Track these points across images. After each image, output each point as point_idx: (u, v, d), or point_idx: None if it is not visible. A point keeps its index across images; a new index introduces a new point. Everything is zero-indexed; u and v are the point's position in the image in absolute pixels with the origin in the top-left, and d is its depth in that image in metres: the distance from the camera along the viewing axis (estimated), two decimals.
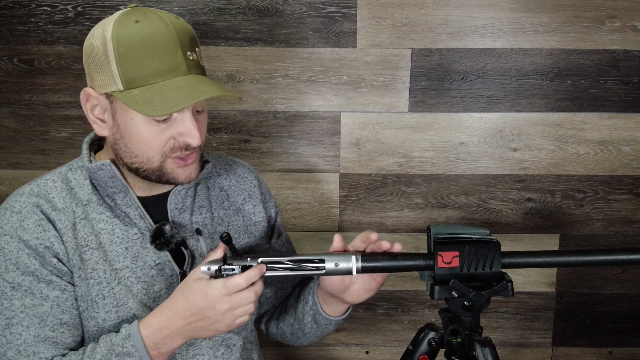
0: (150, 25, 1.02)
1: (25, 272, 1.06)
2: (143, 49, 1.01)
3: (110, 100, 1.06)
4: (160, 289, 1.14)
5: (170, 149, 1.06)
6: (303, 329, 1.29)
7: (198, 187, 1.22)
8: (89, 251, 1.10)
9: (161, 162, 1.07)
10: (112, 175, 1.10)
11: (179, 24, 1.05)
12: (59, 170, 1.16)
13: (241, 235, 1.27)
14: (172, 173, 1.09)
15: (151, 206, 1.15)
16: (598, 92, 1.73)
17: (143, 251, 1.13)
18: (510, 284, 1.03)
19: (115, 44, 1.01)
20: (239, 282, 1.01)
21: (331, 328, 1.27)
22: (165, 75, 1.02)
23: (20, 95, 1.70)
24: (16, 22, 1.66)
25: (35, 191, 1.11)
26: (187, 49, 1.04)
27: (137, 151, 1.07)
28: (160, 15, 1.04)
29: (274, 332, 1.39)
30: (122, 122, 1.06)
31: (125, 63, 1.01)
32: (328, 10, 1.67)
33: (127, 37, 1.01)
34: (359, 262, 1.05)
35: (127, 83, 1.02)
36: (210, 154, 1.29)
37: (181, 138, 1.06)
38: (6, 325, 1.05)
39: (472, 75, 1.72)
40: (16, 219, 1.07)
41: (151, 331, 1.04)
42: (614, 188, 1.79)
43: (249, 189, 1.30)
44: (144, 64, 1.01)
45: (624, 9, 1.68)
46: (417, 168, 1.77)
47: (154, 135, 1.05)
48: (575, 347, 1.89)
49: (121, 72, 1.02)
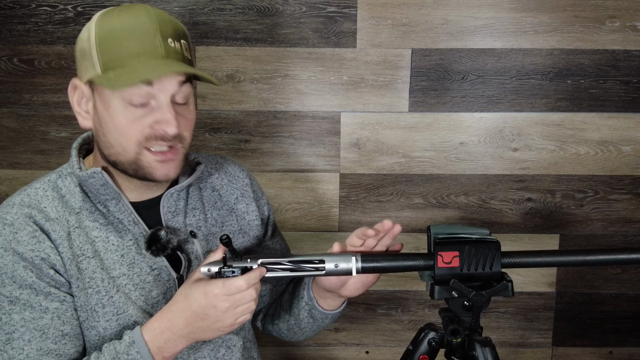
0: (133, 13, 1.03)
1: (23, 286, 1.03)
2: (122, 32, 1.01)
3: (92, 88, 1.06)
4: (158, 294, 1.12)
5: (145, 138, 1.03)
6: (299, 324, 1.28)
7: (190, 189, 1.20)
8: (86, 260, 1.08)
9: (137, 153, 1.04)
10: (103, 183, 1.08)
11: (164, 15, 1.05)
12: (48, 178, 1.13)
13: (235, 235, 1.25)
14: (148, 167, 1.05)
15: (144, 211, 1.13)
16: (598, 92, 1.73)
17: (139, 257, 1.11)
18: (510, 283, 1.03)
19: (97, 30, 1.02)
20: (240, 283, 1.00)
21: (327, 322, 1.27)
22: (141, 57, 1.01)
23: (20, 95, 1.69)
24: (16, 22, 1.65)
25: (26, 201, 1.08)
26: (168, 36, 1.03)
27: (113, 140, 1.05)
28: (147, 8, 1.04)
29: (270, 328, 1.39)
30: (101, 110, 1.05)
31: (103, 46, 1.01)
32: (328, 10, 1.67)
33: (108, 24, 1.02)
34: (359, 262, 1.05)
35: (104, 65, 1.01)
36: (200, 154, 1.27)
37: (158, 126, 1.03)
38: (7, 340, 1.03)
39: (472, 75, 1.72)
40: (9, 231, 1.05)
41: (154, 335, 1.03)
42: (614, 188, 1.79)
43: (241, 188, 1.29)
44: (121, 46, 1.01)
45: (624, 9, 1.68)
46: (417, 168, 1.77)
47: (129, 122, 1.03)
48: (575, 347, 1.89)
49: (99, 56, 1.01)
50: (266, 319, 1.38)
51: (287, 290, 1.35)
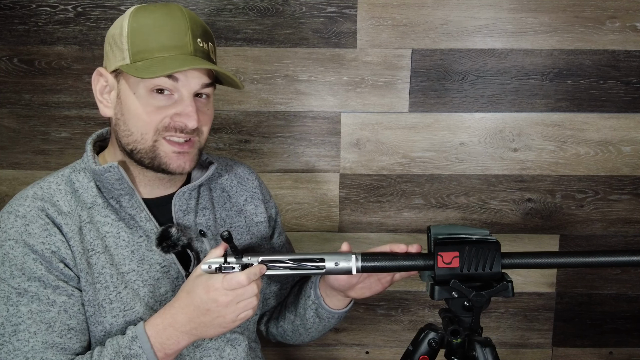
0: (167, 9, 1.07)
1: (32, 278, 1.04)
2: (154, 25, 1.05)
3: (118, 78, 1.09)
4: (166, 291, 1.13)
5: (164, 127, 1.07)
6: (305, 324, 1.29)
7: (201, 189, 1.22)
8: (96, 255, 1.09)
9: (154, 142, 1.07)
10: (119, 178, 1.10)
11: (196, 17, 1.09)
12: (62, 173, 1.15)
13: (243, 236, 1.26)
14: (165, 157, 1.08)
15: (155, 208, 1.15)
16: (598, 93, 1.73)
17: (149, 254, 1.12)
18: (511, 284, 1.03)
19: (130, 22, 1.06)
20: (241, 278, 1.01)
21: (333, 322, 1.27)
22: (170, 51, 1.04)
23: (21, 95, 1.69)
24: (16, 23, 1.65)
25: (39, 194, 1.09)
26: (197, 35, 1.07)
27: (133, 127, 1.07)
28: (180, 7, 1.08)
29: (274, 332, 1.39)
30: (125, 98, 1.08)
31: (135, 37, 1.05)
32: (328, 10, 1.67)
33: (142, 17, 1.06)
34: (359, 261, 1.05)
35: (133, 56, 1.05)
36: (211, 155, 1.29)
37: (178, 118, 1.06)
38: (13, 331, 1.03)
39: (472, 76, 1.72)
40: (21, 223, 1.06)
41: (156, 331, 1.04)
42: (614, 188, 1.78)
43: (250, 190, 1.30)
44: (152, 39, 1.05)
45: (624, 9, 1.68)
46: (417, 168, 1.77)
47: (152, 110, 1.06)
48: (575, 348, 1.89)
49: (130, 46, 1.05)
50: (270, 322, 1.39)
51: (291, 293, 1.36)
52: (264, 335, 1.43)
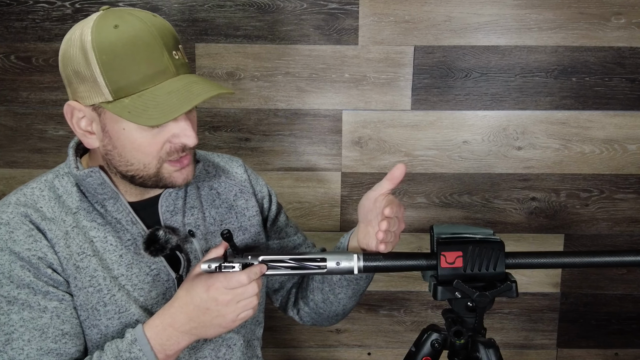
0: (131, 29, 0.98)
1: (20, 285, 1.03)
2: (128, 54, 0.97)
3: (99, 112, 1.02)
4: (157, 295, 1.12)
5: (166, 153, 1.04)
6: (334, 289, 1.24)
7: (188, 188, 1.20)
8: (87, 258, 1.07)
9: (158, 168, 1.05)
10: (101, 182, 1.08)
11: (159, 23, 1.01)
12: (45, 178, 1.13)
13: (236, 232, 1.25)
14: (169, 177, 1.06)
15: (142, 210, 1.13)
16: (603, 90, 1.72)
17: (137, 258, 1.11)
18: (515, 284, 1.03)
19: (98, 53, 0.97)
20: (242, 278, 1.00)
21: (362, 284, 1.22)
22: (155, 80, 0.99)
23: (18, 93, 1.69)
24: (13, 19, 1.64)
25: (22, 201, 1.08)
26: (171, 48, 1.01)
27: (132, 159, 1.04)
28: (137, 16, 1.00)
29: (306, 310, 1.34)
30: (113, 132, 1.03)
31: (111, 72, 0.97)
32: (329, 7, 1.66)
33: (108, 45, 0.97)
34: (361, 261, 1.05)
35: (115, 92, 0.98)
36: (197, 152, 1.26)
37: (176, 140, 1.03)
38: (6, 341, 1.03)
39: (476, 73, 1.70)
40: (5, 230, 1.04)
41: (156, 332, 1.03)
42: (619, 187, 1.77)
43: (239, 184, 1.28)
44: (131, 70, 0.97)
45: (629, 6, 1.67)
46: (419, 167, 1.75)
47: (149, 141, 1.02)
48: (580, 349, 1.89)
49: (108, 82, 0.98)
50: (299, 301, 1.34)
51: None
52: (298, 320, 1.37)
